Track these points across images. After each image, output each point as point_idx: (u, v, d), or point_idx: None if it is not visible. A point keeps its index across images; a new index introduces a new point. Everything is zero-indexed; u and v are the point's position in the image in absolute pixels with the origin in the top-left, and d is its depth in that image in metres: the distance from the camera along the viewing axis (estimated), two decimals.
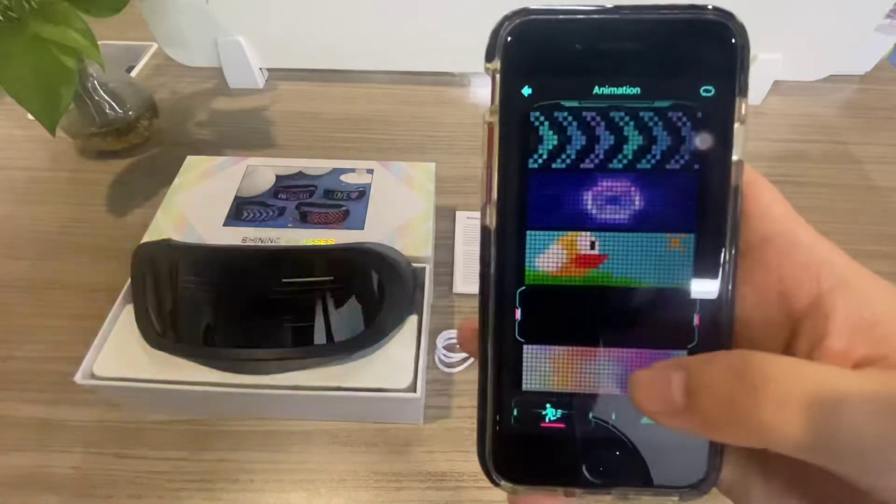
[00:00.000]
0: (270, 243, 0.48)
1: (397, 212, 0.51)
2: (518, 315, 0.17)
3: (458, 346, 0.21)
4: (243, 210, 0.51)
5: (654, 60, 0.16)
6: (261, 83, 0.77)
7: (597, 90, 0.16)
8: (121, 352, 0.41)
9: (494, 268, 0.17)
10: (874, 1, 0.66)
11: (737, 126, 0.16)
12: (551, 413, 0.18)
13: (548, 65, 0.17)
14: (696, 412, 0.14)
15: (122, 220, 0.59)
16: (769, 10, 0.65)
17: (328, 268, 0.43)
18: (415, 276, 0.45)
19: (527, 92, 0.17)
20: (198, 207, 0.51)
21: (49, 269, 0.54)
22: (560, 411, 0.18)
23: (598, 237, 0.17)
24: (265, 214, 0.51)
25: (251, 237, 0.49)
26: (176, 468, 0.41)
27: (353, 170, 0.55)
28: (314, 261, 0.43)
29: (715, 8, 0.16)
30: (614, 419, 0.17)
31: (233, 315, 0.42)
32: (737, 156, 0.16)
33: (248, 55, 0.74)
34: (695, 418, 0.14)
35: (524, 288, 0.17)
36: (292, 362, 0.40)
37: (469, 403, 0.45)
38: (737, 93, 0.16)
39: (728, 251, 0.16)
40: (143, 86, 0.68)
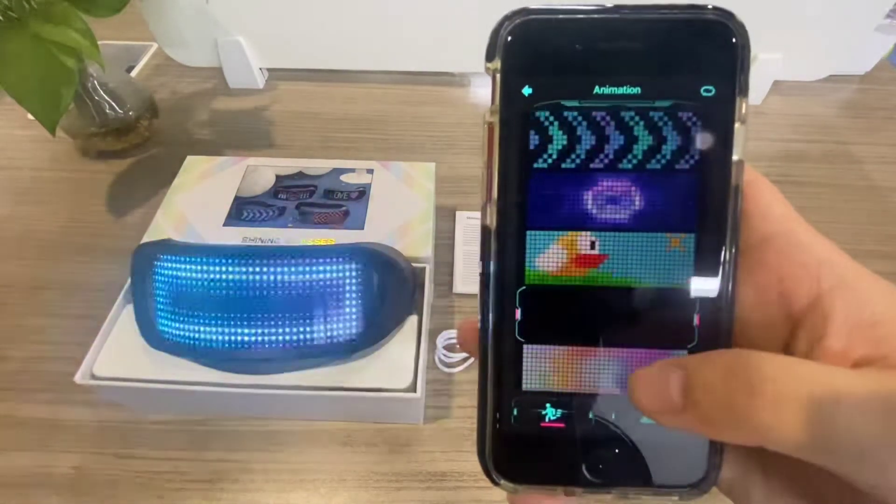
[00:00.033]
0: (270, 243, 0.48)
1: (397, 212, 0.51)
2: (518, 315, 0.17)
3: (458, 346, 0.21)
4: (243, 210, 0.51)
5: (655, 60, 0.16)
6: (261, 83, 0.77)
7: (597, 90, 0.16)
8: (121, 352, 0.41)
9: (494, 268, 0.17)
10: (874, 1, 0.66)
11: (737, 126, 0.16)
12: (551, 413, 0.18)
13: (548, 64, 0.17)
14: (695, 411, 0.14)
15: (122, 220, 0.59)
16: (769, 10, 0.65)
17: (328, 268, 0.43)
18: (415, 276, 0.45)
19: (527, 92, 0.17)
20: (198, 207, 0.51)
21: (49, 269, 0.54)
22: (560, 411, 0.18)
23: (599, 237, 0.17)
24: (265, 214, 0.51)
25: (251, 237, 0.49)
26: (176, 468, 0.41)
27: (353, 170, 0.55)
28: (314, 261, 0.43)
29: (715, 8, 0.16)
30: (614, 419, 0.17)
31: (233, 315, 0.42)
32: (737, 155, 0.16)
33: (247, 55, 0.74)
34: (693, 417, 0.14)
35: (524, 288, 0.17)
36: (292, 362, 0.40)
37: (469, 403, 0.45)
38: (737, 92, 0.16)
39: (728, 251, 0.16)
40: (143, 86, 0.68)
